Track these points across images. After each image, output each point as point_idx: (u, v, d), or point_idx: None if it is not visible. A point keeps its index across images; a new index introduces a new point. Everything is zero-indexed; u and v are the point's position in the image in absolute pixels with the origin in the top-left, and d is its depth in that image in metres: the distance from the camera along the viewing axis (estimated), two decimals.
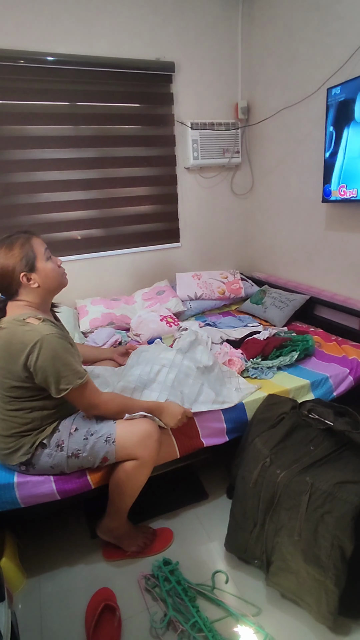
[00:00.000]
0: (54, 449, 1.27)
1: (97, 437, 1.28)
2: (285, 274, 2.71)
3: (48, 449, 1.28)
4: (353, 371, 1.80)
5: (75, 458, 1.28)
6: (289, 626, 1.22)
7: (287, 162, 2.49)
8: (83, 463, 1.30)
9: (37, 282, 1.26)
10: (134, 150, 2.54)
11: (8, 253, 1.23)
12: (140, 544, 1.46)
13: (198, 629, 1.19)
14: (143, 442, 1.29)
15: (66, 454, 1.27)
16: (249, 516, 1.32)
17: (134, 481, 1.32)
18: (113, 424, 1.31)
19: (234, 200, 2.92)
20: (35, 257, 1.26)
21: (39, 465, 1.28)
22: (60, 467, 1.29)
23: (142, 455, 1.29)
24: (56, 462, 1.28)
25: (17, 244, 1.25)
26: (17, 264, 1.23)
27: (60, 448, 1.27)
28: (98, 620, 1.23)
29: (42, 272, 1.27)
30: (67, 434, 1.29)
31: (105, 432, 1.29)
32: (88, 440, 1.28)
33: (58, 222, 2.45)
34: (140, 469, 1.31)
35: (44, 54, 2.16)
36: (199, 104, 2.63)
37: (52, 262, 1.31)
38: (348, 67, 1.90)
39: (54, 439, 1.28)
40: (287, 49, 2.30)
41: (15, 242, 1.25)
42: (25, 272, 1.24)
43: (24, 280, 1.24)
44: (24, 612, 1.31)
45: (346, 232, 2.14)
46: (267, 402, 1.57)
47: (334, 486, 1.17)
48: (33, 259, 1.25)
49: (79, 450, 1.27)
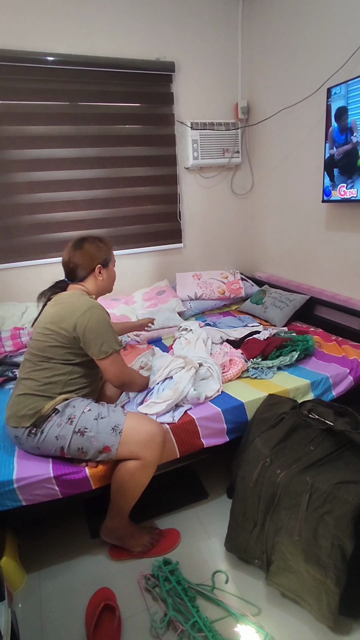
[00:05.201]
0: (65, 420, 1.32)
1: (106, 422, 1.32)
2: (286, 274, 2.71)
3: (59, 418, 1.32)
4: (353, 371, 1.80)
5: (81, 435, 1.30)
6: (289, 626, 1.22)
7: (287, 162, 2.49)
8: (85, 444, 1.30)
9: (103, 277, 1.52)
10: (134, 150, 2.54)
11: (99, 245, 1.52)
12: (146, 544, 1.46)
13: (198, 629, 1.19)
14: (147, 443, 1.31)
15: (74, 428, 1.31)
16: (249, 516, 1.32)
17: (137, 482, 1.33)
18: (123, 416, 1.35)
19: (234, 200, 2.92)
20: (110, 259, 1.56)
21: (47, 432, 1.32)
22: (63, 441, 1.31)
23: (145, 456, 1.30)
24: (62, 433, 1.31)
25: (106, 242, 1.55)
26: (100, 257, 1.51)
27: (70, 421, 1.32)
28: (98, 620, 1.23)
29: (110, 272, 1.56)
30: (80, 412, 1.35)
31: (115, 420, 1.33)
32: (97, 421, 1.32)
33: (58, 222, 2.45)
34: (143, 470, 1.32)
35: (44, 54, 2.17)
36: (199, 104, 2.64)
37: (114, 270, 1.60)
38: (348, 67, 1.90)
39: (67, 412, 1.34)
40: (287, 49, 2.30)
41: (104, 241, 1.55)
42: (101, 265, 1.51)
43: (97, 271, 1.50)
44: (24, 611, 1.31)
45: (346, 232, 2.14)
46: (267, 402, 1.57)
47: (334, 486, 1.17)
48: (109, 259, 1.55)
49: (86, 428, 1.30)
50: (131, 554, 1.46)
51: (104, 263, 1.52)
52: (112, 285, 1.61)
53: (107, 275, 1.54)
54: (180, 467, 1.58)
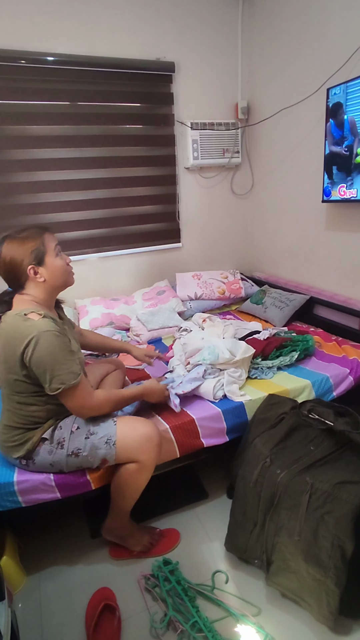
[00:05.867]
0: (55, 446, 1.28)
1: (98, 438, 1.28)
2: (286, 274, 2.71)
3: (49, 445, 1.28)
4: (353, 371, 1.80)
5: (75, 457, 1.28)
6: (289, 626, 1.22)
7: (287, 162, 2.50)
8: (82, 463, 1.30)
9: (43, 277, 1.26)
10: (134, 150, 2.54)
11: (20, 245, 1.23)
12: (146, 544, 1.46)
13: (198, 629, 1.19)
14: (143, 446, 1.29)
15: (66, 452, 1.27)
16: (249, 516, 1.32)
17: (135, 484, 1.33)
18: (114, 426, 1.31)
19: (234, 200, 2.92)
20: (45, 251, 1.26)
21: (39, 461, 1.28)
22: (60, 466, 1.29)
23: (142, 459, 1.29)
24: (56, 459, 1.28)
25: (29, 237, 1.25)
26: (26, 256, 1.23)
27: (60, 446, 1.27)
28: (98, 620, 1.23)
29: (50, 267, 1.27)
30: (68, 432, 1.29)
31: (105, 433, 1.29)
32: (89, 439, 1.28)
33: (58, 222, 2.45)
34: (141, 473, 1.31)
35: (45, 54, 2.17)
36: (199, 104, 2.64)
37: (61, 258, 1.31)
38: (348, 67, 1.90)
39: (55, 436, 1.29)
40: (287, 49, 2.30)
41: (27, 235, 1.25)
42: (34, 265, 1.24)
43: (31, 273, 1.24)
44: (24, 611, 1.31)
45: (346, 232, 2.14)
46: (267, 402, 1.57)
47: (334, 486, 1.17)
48: (43, 253, 1.25)
49: (79, 450, 1.27)
50: (131, 553, 1.46)
51: (36, 262, 1.24)
52: (64, 277, 1.32)
53: (50, 271, 1.26)
54: (180, 467, 1.58)
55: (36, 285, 1.27)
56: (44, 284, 1.27)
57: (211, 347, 1.74)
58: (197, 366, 1.71)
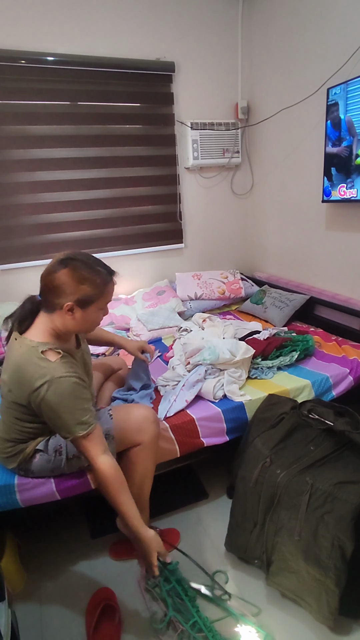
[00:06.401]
0: (52, 454, 1.27)
1: None
2: (286, 274, 2.71)
3: (46, 455, 1.27)
4: (353, 371, 1.80)
5: (77, 459, 1.28)
6: (289, 626, 1.22)
7: (287, 162, 2.50)
8: (84, 462, 1.29)
9: (75, 318, 1.17)
10: (134, 150, 2.54)
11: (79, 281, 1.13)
12: None
13: (198, 629, 1.19)
14: (140, 426, 1.30)
15: (66, 457, 1.27)
16: (249, 516, 1.32)
17: (140, 467, 1.32)
18: (109, 419, 1.31)
19: (234, 200, 2.92)
20: (94, 301, 1.17)
21: (38, 470, 1.28)
22: (60, 470, 1.29)
23: (143, 439, 1.30)
24: (56, 465, 1.27)
25: (92, 279, 1.15)
26: (75, 294, 1.14)
27: (58, 453, 1.27)
28: (98, 620, 1.23)
29: (86, 316, 1.19)
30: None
31: (103, 429, 1.28)
32: None
33: (59, 222, 2.45)
34: (143, 453, 1.31)
35: (45, 54, 2.17)
36: (199, 104, 2.64)
37: (100, 314, 1.24)
38: (348, 67, 1.90)
39: (51, 445, 1.27)
40: (287, 49, 2.30)
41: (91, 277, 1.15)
42: (77, 305, 1.15)
43: (66, 308, 1.14)
44: (24, 611, 1.31)
45: (346, 232, 2.14)
46: (267, 402, 1.57)
47: (334, 486, 1.17)
48: (92, 302, 1.17)
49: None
50: (131, 554, 1.45)
51: (82, 302, 1.15)
52: (88, 328, 1.24)
53: (82, 319, 1.18)
54: (180, 467, 1.58)
55: (63, 318, 1.17)
56: (70, 322, 1.18)
57: (211, 347, 1.74)
58: (197, 367, 1.72)
